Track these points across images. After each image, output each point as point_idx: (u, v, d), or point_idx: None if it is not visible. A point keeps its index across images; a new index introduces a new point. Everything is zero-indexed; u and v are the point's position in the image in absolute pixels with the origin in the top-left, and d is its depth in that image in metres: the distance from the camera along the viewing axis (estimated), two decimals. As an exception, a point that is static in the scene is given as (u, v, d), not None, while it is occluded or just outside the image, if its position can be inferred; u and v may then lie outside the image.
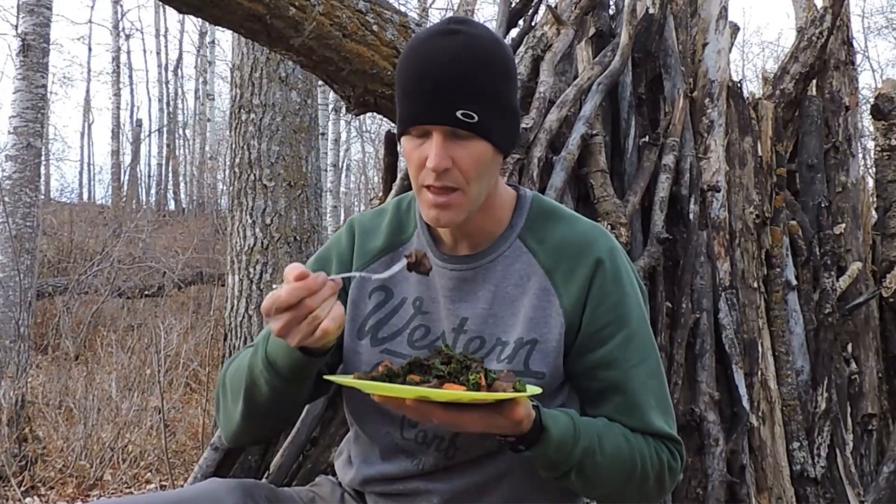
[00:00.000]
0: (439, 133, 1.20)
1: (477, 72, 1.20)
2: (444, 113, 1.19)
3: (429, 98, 1.19)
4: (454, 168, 1.20)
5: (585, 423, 1.22)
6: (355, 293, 1.36)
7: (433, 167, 1.19)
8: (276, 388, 1.24)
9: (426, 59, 1.21)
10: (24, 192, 5.85)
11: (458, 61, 1.19)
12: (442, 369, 1.12)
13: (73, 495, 4.32)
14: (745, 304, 2.66)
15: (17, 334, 5.48)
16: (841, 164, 3.19)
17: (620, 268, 1.31)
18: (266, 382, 1.24)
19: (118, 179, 20.18)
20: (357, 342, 1.35)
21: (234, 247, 5.02)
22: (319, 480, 1.48)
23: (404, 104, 1.23)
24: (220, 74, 22.52)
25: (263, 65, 5.04)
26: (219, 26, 2.71)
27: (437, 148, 1.19)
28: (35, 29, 5.91)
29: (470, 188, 1.22)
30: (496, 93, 1.22)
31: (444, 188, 1.21)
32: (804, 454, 2.60)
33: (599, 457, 1.20)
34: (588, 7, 2.91)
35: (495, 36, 1.26)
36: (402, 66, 1.24)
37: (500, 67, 1.23)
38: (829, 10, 3.20)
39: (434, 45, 1.21)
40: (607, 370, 1.28)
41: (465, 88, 1.19)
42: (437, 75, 1.19)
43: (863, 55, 18.83)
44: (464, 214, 1.24)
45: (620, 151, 2.70)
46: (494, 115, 1.22)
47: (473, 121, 1.19)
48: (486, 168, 1.23)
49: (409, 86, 1.21)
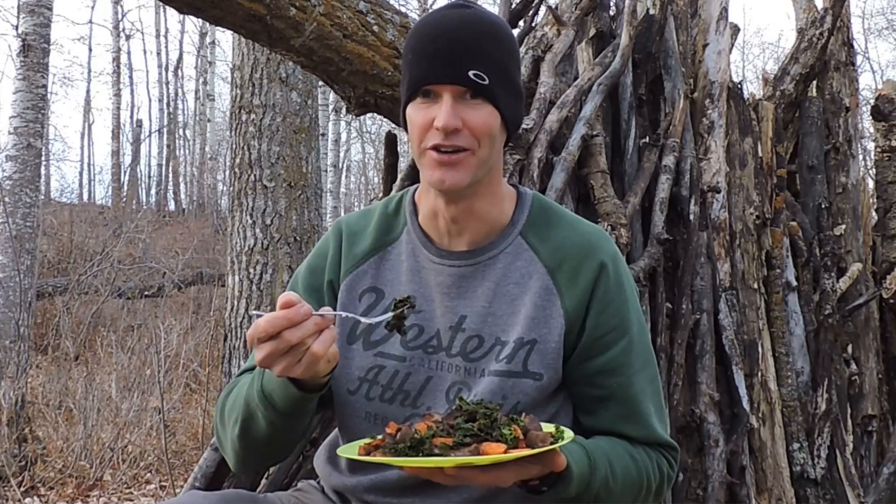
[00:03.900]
0: (449, 93, 1.19)
1: (487, 40, 1.21)
2: (456, 72, 1.19)
3: (441, 59, 1.19)
4: (464, 129, 1.19)
5: (597, 450, 1.19)
6: (345, 296, 1.34)
7: (442, 125, 1.18)
8: (273, 423, 1.20)
9: (437, 26, 1.22)
10: (25, 193, 5.85)
11: (469, 28, 1.20)
12: (469, 428, 1.04)
13: (72, 496, 4.31)
14: (745, 305, 2.65)
15: (17, 334, 5.49)
16: (841, 166, 3.19)
17: (622, 273, 1.30)
18: (263, 417, 1.21)
19: (118, 180, 20.19)
20: (348, 347, 1.32)
21: (234, 247, 5.02)
22: (303, 486, 1.45)
23: (414, 68, 1.22)
24: (220, 75, 22.54)
25: (264, 65, 5.04)
26: (219, 27, 2.71)
27: (448, 107, 1.19)
28: (35, 29, 5.92)
29: (479, 150, 1.21)
30: (504, 64, 1.23)
31: (452, 149, 1.19)
32: (804, 455, 2.59)
33: (612, 483, 1.19)
34: (588, 8, 2.91)
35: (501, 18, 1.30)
36: (411, 37, 1.25)
37: (507, 45, 1.25)
38: (829, 11, 3.20)
39: (445, 15, 1.23)
40: (609, 377, 1.26)
41: (477, 52, 1.20)
42: (449, 38, 1.20)
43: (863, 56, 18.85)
44: (469, 177, 1.22)
45: (621, 152, 2.70)
46: (502, 84, 1.22)
47: (485, 83, 1.19)
48: (494, 134, 1.22)
49: (420, 50, 1.21)
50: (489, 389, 1.25)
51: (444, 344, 1.29)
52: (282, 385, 1.16)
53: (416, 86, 1.21)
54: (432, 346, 1.30)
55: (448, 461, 1.01)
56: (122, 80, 22.88)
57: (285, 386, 1.16)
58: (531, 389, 1.25)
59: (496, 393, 1.24)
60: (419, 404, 1.29)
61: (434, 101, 1.20)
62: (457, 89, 1.19)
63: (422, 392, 1.29)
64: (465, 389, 1.27)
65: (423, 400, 1.29)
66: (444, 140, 1.19)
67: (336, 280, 1.36)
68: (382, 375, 1.30)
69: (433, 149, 1.20)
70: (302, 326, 1.07)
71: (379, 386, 1.30)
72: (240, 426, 1.25)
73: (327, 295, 1.36)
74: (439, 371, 1.29)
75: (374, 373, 1.31)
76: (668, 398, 2.38)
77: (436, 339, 1.29)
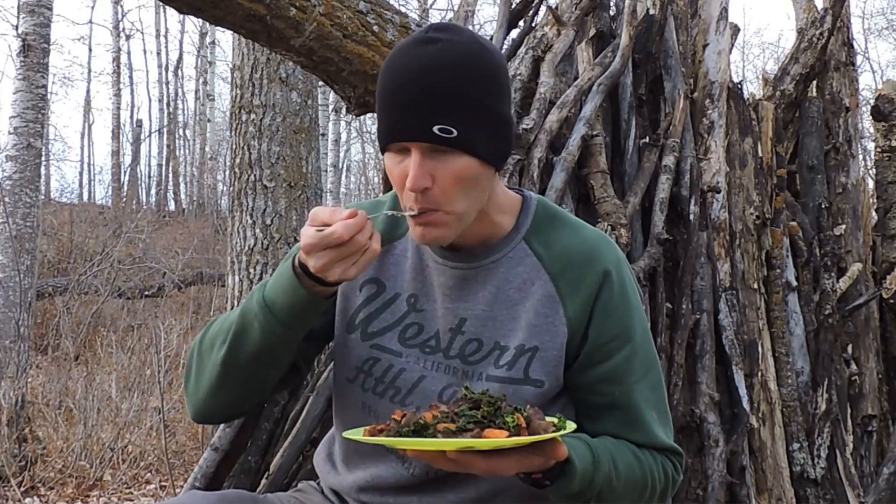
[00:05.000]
0: (417, 150, 1.14)
1: (454, 83, 1.13)
2: (421, 129, 1.13)
3: (404, 113, 1.14)
4: (434, 187, 1.15)
5: (600, 446, 1.19)
6: (345, 285, 1.32)
7: (410, 188, 1.15)
8: (267, 333, 1.20)
9: (401, 71, 1.15)
10: (25, 193, 5.85)
11: (432, 72, 1.13)
12: (473, 415, 1.05)
13: (72, 496, 4.32)
14: (745, 305, 2.65)
15: (17, 334, 5.48)
16: (841, 166, 3.19)
17: (626, 280, 1.29)
18: (259, 325, 1.20)
19: (118, 180, 20.18)
20: (346, 335, 1.33)
21: (234, 247, 5.02)
22: (303, 486, 1.45)
23: (382, 119, 1.18)
24: (220, 75, 22.52)
25: (264, 65, 5.04)
26: (219, 27, 2.71)
27: (416, 167, 1.14)
28: (35, 29, 5.91)
29: (453, 206, 1.17)
30: (477, 102, 1.15)
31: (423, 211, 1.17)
32: (804, 455, 2.59)
33: (616, 481, 1.18)
34: (588, 8, 2.91)
35: (479, 42, 1.19)
36: (380, 78, 1.19)
37: (481, 74, 1.16)
38: (829, 11, 3.20)
39: (410, 56, 1.15)
40: (611, 385, 1.26)
41: (442, 101, 1.13)
42: (410, 88, 1.13)
43: (863, 56, 18.85)
44: (451, 232, 1.20)
45: (621, 152, 2.70)
46: (477, 127, 1.15)
47: (452, 135, 1.13)
48: (472, 183, 1.17)
49: (386, 100, 1.16)
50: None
51: (442, 345, 1.29)
52: (291, 290, 1.17)
53: (385, 140, 1.18)
54: (430, 347, 1.29)
55: (450, 443, 1.02)
56: (122, 80, 22.87)
57: (295, 290, 1.17)
58: (532, 396, 1.24)
59: None
60: (408, 402, 1.28)
61: (406, 155, 1.17)
62: (424, 146, 1.14)
63: (413, 390, 1.29)
64: (461, 392, 1.26)
65: (413, 399, 1.28)
66: (415, 203, 1.17)
67: None
68: (377, 368, 1.30)
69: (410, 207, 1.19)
70: (366, 230, 1.12)
71: (373, 378, 1.30)
72: (227, 346, 1.23)
73: None
74: (433, 371, 1.28)
75: (369, 364, 1.31)
76: (668, 398, 2.38)
77: (434, 340, 1.29)
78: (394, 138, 1.17)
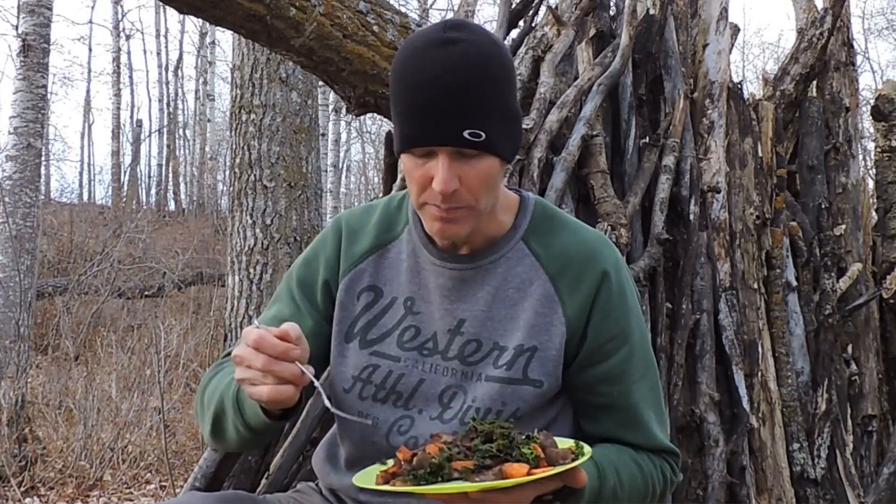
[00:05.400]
0: (445, 154, 1.14)
1: (481, 86, 1.13)
2: (451, 134, 1.12)
3: (433, 119, 1.12)
4: (461, 188, 1.15)
5: (604, 460, 1.19)
6: (343, 295, 1.32)
7: (441, 191, 1.14)
8: (239, 431, 1.22)
9: (425, 74, 1.12)
10: (25, 193, 5.85)
11: (459, 75, 1.11)
12: (489, 450, 1.03)
13: (72, 496, 4.31)
14: (745, 305, 2.65)
15: (17, 334, 5.48)
16: (841, 166, 3.19)
17: (625, 281, 1.29)
18: (231, 422, 1.22)
19: (118, 180, 20.18)
20: (344, 345, 1.32)
21: (234, 247, 5.03)
22: (302, 487, 1.45)
23: (405, 123, 1.15)
24: (220, 75, 22.53)
25: (264, 65, 5.05)
26: (219, 27, 2.71)
27: (444, 171, 1.13)
28: (35, 29, 5.91)
29: (479, 204, 1.18)
30: (501, 103, 1.16)
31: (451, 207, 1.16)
32: (804, 455, 2.59)
33: (620, 493, 1.19)
34: (588, 8, 2.91)
35: (493, 39, 1.18)
36: (398, 79, 1.16)
37: (501, 74, 1.16)
38: (829, 11, 3.20)
39: (432, 58, 1.12)
40: (610, 385, 1.26)
41: (471, 106, 1.12)
42: (439, 94, 1.11)
43: (863, 56, 18.85)
44: (469, 228, 1.21)
45: (621, 152, 2.70)
46: (501, 128, 1.16)
47: (481, 139, 1.13)
48: (495, 181, 1.19)
49: (409, 104, 1.14)
50: (488, 395, 1.24)
51: (440, 347, 1.28)
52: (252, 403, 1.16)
53: (409, 144, 1.16)
54: (427, 349, 1.29)
55: (474, 486, 0.99)
56: (122, 80, 22.88)
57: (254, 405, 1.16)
58: (531, 396, 1.24)
59: (496, 399, 1.24)
60: (411, 406, 1.28)
61: (430, 158, 1.15)
62: (452, 150, 1.13)
63: (414, 394, 1.28)
64: (461, 393, 1.26)
65: (416, 402, 1.28)
66: (443, 202, 1.15)
67: (333, 279, 1.35)
68: (376, 375, 1.30)
69: (433, 204, 1.17)
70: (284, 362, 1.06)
71: (372, 385, 1.30)
72: (212, 421, 1.27)
73: (320, 292, 1.35)
74: (432, 374, 1.28)
75: (368, 372, 1.30)
76: (668, 398, 2.38)
77: (432, 342, 1.29)
78: (420, 143, 1.15)
